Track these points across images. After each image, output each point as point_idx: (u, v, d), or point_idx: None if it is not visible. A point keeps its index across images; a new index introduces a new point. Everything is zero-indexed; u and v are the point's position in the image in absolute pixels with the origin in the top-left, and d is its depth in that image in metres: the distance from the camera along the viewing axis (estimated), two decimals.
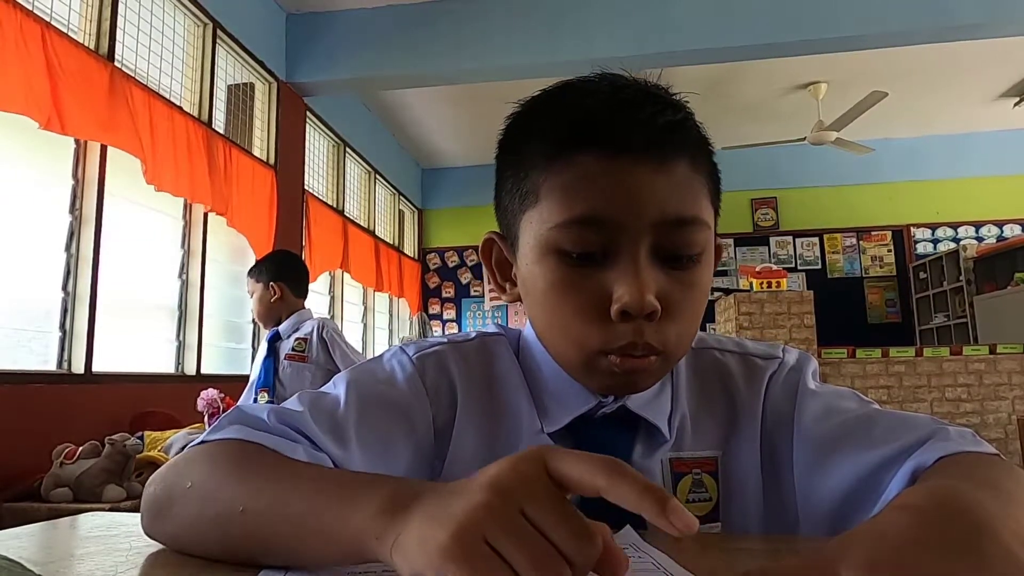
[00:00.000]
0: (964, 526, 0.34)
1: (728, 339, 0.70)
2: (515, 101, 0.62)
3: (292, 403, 0.61)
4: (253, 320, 4.21)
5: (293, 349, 2.69)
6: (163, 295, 3.48)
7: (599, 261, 0.55)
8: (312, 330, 2.72)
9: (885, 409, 0.61)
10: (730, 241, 7.31)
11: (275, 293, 2.74)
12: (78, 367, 2.78)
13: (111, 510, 2.16)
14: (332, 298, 5.53)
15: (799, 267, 7.20)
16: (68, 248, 2.82)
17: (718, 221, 0.62)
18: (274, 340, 2.73)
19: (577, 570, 0.34)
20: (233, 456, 0.53)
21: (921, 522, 0.34)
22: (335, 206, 5.42)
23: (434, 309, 7.50)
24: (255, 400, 2.67)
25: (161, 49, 3.45)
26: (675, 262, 0.56)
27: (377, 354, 0.70)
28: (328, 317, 2.95)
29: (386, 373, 0.65)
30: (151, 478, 0.56)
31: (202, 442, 0.56)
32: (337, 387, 0.63)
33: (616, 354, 0.55)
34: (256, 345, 4.24)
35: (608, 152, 0.54)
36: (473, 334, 0.69)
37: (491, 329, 0.70)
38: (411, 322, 7.08)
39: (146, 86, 3.18)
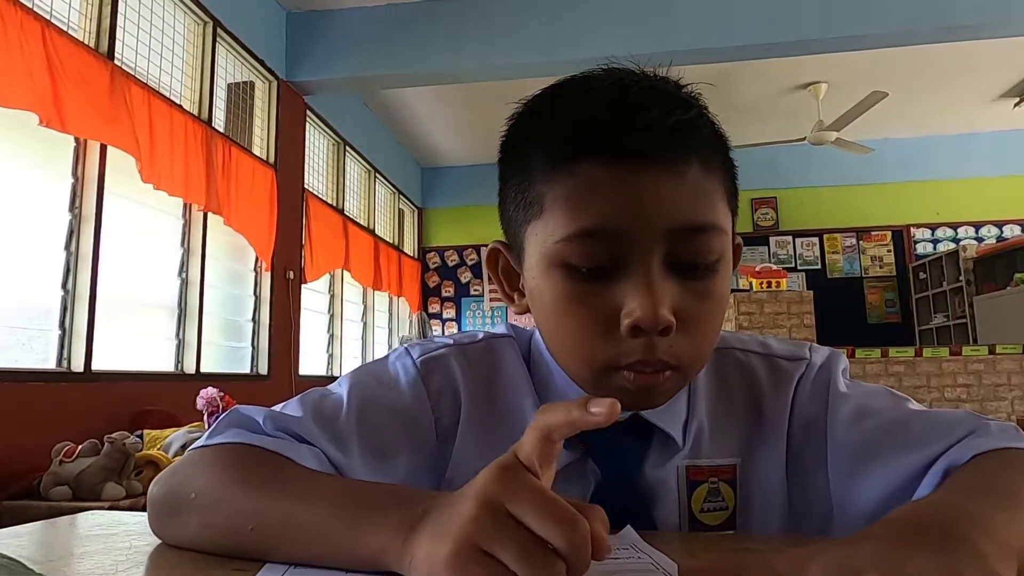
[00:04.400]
0: (938, 534, 0.34)
1: (751, 338, 0.67)
2: (516, 101, 0.59)
3: (291, 407, 0.60)
4: (255, 319, 4.22)
5: None
6: (163, 293, 3.47)
7: (609, 274, 0.52)
8: None
9: (921, 408, 0.59)
10: None
11: None
12: (77, 365, 2.78)
13: (110, 508, 2.17)
14: (332, 297, 5.53)
15: (799, 267, 7.19)
16: (68, 246, 2.81)
17: (736, 221, 0.58)
18: None
19: (569, 559, 0.35)
20: (236, 463, 0.52)
21: (897, 533, 0.35)
22: (335, 205, 5.41)
23: (434, 308, 7.50)
24: None
25: (161, 47, 3.44)
26: (691, 272, 0.52)
27: (381, 355, 0.70)
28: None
29: (389, 377, 0.64)
30: (155, 479, 0.56)
31: (202, 446, 0.56)
32: (341, 388, 0.62)
33: (628, 370, 0.52)
34: (257, 344, 4.24)
35: (613, 159, 0.51)
36: (480, 335, 0.67)
37: (500, 330, 0.68)
38: (411, 321, 7.08)
39: (146, 84, 3.18)
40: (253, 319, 4.25)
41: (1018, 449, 0.50)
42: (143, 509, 0.56)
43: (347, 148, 5.66)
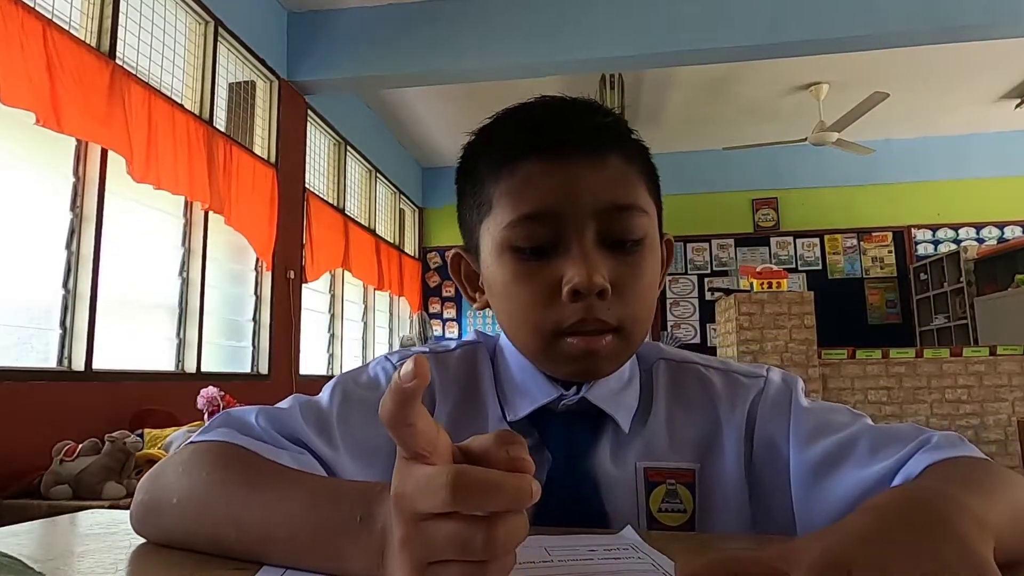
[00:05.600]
0: (921, 518, 0.36)
1: (715, 359, 0.73)
2: (488, 118, 0.66)
3: (282, 404, 0.64)
4: (255, 318, 4.22)
5: None
6: (163, 293, 3.47)
7: (550, 253, 0.60)
8: None
9: (876, 424, 0.63)
10: (731, 241, 7.31)
11: None
12: (78, 365, 2.78)
13: (111, 507, 2.17)
14: (332, 297, 5.53)
15: (800, 267, 7.19)
16: (69, 246, 2.81)
17: (662, 219, 0.66)
18: None
19: (479, 509, 0.34)
20: (218, 465, 0.53)
21: (881, 520, 0.36)
22: (336, 205, 5.42)
23: (434, 308, 7.50)
24: None
25: (163, 47, 3.45)
26: (620, 248, 0.60)
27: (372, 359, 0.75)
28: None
29: (369, 379, 0.69)
30: (139, 484, 0.57)
31: (191, 442, 0.58)
32: (325, 391, 0.67)
33: (571, 335, 0.59)
34: (257, 344, 4.24)
35: (547, 155, 0.60)
36: (453, 344, 0.74)
37: (471, 337, 0.75)
38: (411, 321, 7.08)
39: (147, 83, 3.18)
40: (253, 319, 4.25)
41: (963, 457, 0.53)
42: None
43: (348, 148, 5.66)
